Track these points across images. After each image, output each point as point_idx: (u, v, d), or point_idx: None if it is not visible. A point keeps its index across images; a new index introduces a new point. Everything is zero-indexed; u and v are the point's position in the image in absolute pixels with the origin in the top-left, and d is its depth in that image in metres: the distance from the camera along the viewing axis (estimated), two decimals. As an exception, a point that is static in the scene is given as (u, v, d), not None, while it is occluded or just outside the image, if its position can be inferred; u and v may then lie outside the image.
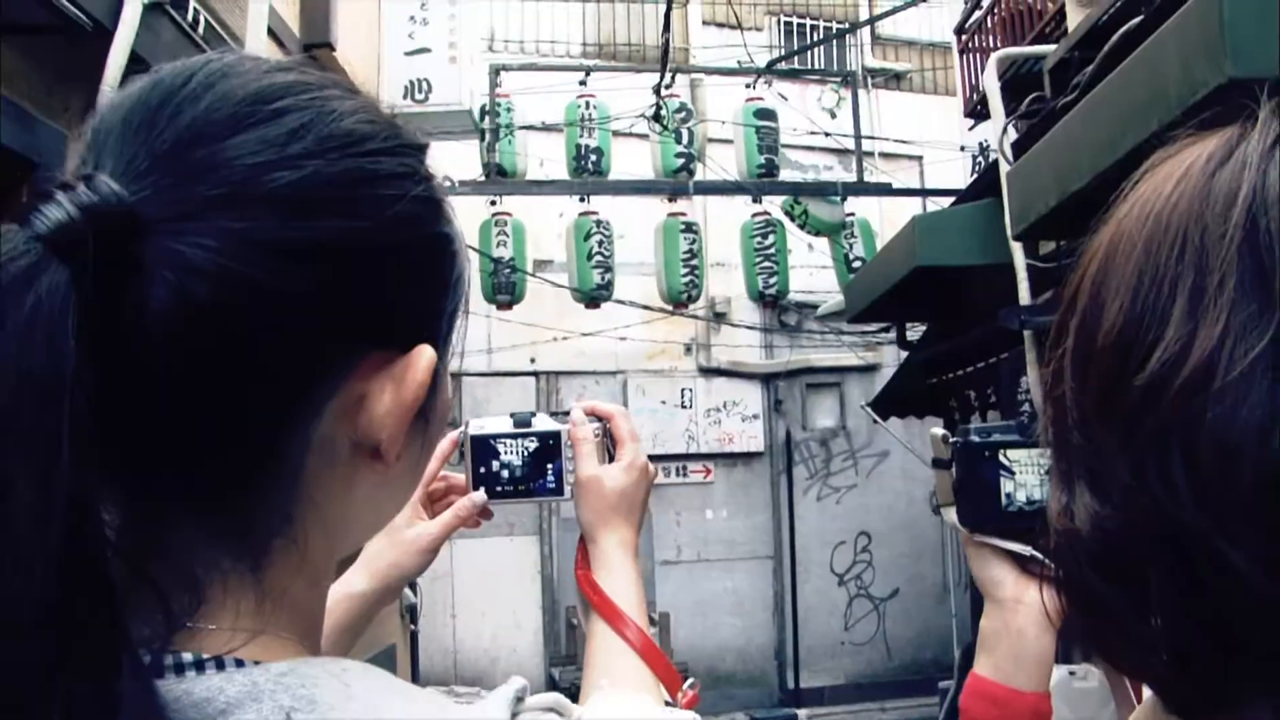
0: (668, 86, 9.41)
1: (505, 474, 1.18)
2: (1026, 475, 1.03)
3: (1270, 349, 0.49)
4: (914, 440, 11.23)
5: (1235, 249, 0.52)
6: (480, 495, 1.17)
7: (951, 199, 8.46)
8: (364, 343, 0.58)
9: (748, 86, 9.89)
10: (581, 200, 9.58)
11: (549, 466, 1.18)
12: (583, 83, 9.53)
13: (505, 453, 1.18)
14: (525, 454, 1.18)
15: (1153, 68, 3.63)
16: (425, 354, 0.60)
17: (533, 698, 0.61)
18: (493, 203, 9.63)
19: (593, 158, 9.37)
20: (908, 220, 7.25)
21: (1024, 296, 5.76)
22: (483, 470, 1.17)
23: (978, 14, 8.52)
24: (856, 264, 9.67)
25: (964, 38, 9.00)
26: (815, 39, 12.85)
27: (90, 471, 0.47)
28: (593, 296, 9.59)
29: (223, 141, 0.53)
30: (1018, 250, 5.73)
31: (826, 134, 10.50)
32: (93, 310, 0.48)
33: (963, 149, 10.16)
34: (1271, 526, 0.48)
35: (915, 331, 9.47)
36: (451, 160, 9.64)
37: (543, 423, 1.19)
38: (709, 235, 10.65)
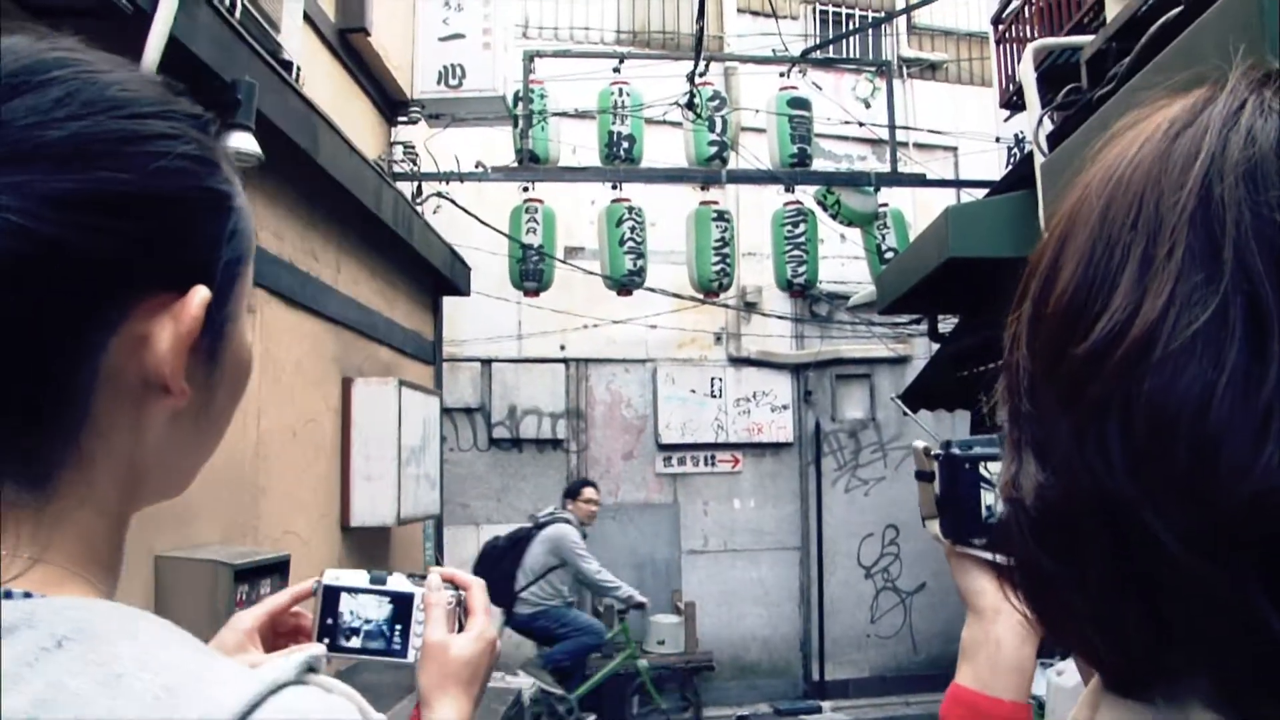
0: (701, 74, 9.38)
1: (351, 628, 1.18)
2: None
3: (1212, 322, 0.49)
4: (944, 433, 11.16)
5: (1187, 216, 0.51)
6: (320, 647, 1.15)
7: (986, 191, 8.40)
8: (140, 285, 0.64)
9: (782, 75, 9.84)
10: (614, 188, 9.58)
11: (397, 628, 1.18)
12: (616, 70, 9.51)
13: (355, 607, 1.17)
14: (375, 611, 1.18)
15: (1191, 58, 3.59)
16: (199, 293, 0.66)
17: (330, 678, 0.64)
18: (525, 189, 9.64)
19: (625, 145, 9.36)
20: (941, 211, 7.21)
21: (1057, 289, 5.71)
22: (329, 621, 1.17)
23: (1015, 3, 8.44)
24: (889, 255, 9.62)
25: (1001, 28, 8.93)
26: (850, 28, 12.78)
27: None
28: (624, 283, 9.59)
29: None
30: (1051, 242, 5.68)
31: (861, 124, 10.45)
32: None
33: (998, 140, 10.08)
34: (1199, 501, 0.48)
35: (947, 324, 9.42)
36: (484, 146, 9.68)
37: (398, 583, 1.19)
38: (740, 225, 10.64)
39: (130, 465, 0.67)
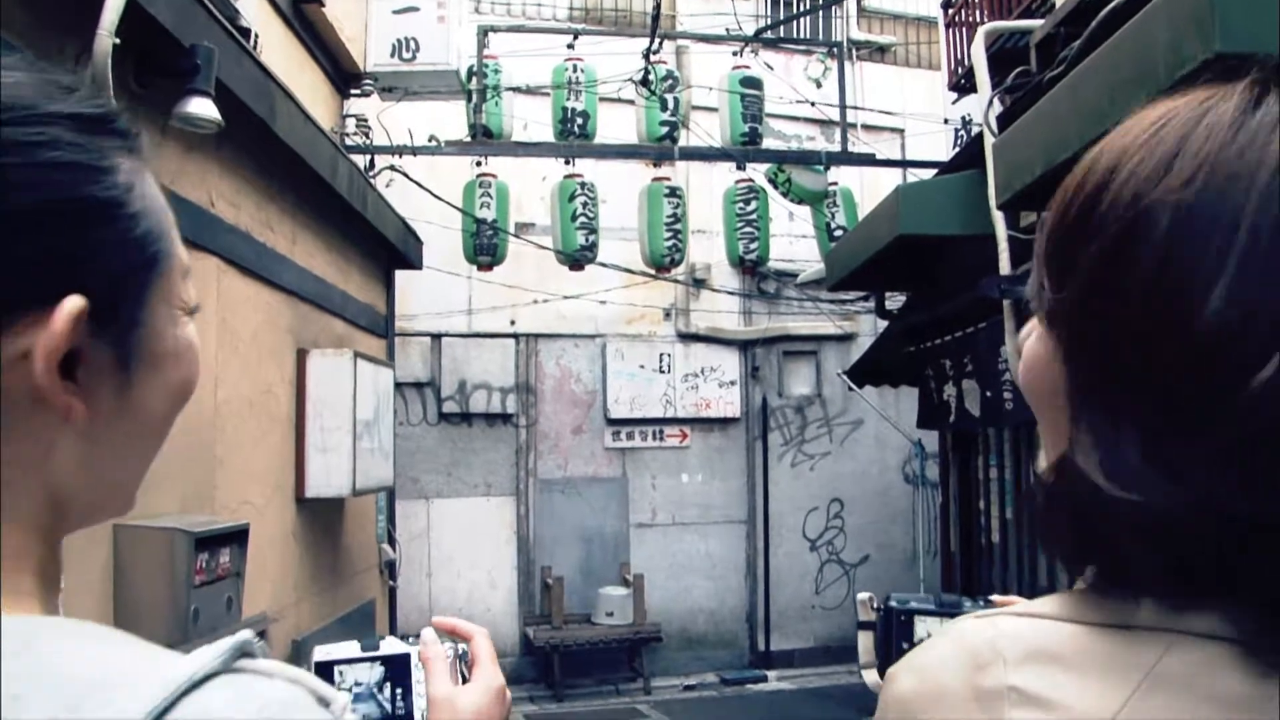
0: (655, 52, 9.42)
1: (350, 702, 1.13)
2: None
3: None
4: (889, 409, 11.39)
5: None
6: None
7: (933, 171, 8.55)
8: (12, 300, 0.60)
9: (735, 54, 9.91)
10: (567, 163, 9.60)
11: (397, 691, 1.12)
12: (570, 46, 9.52)
13: (349, 680, 1.13)
14: (371, 680, 1.13)
15: (1141, 41, 3.71)
16: (68, 303, 0.61)
17: (268, 661, 0.60)
18: (478, 163, 9.63)
19: (579, 121, 9.39)
20: (889, 192, 7.33)
21: (1004, 266, 5.86)
22: None
23: (965, -13, 8.57)
24: (838, 233, 9.75)
25: (950, 11, 9.06)
26: (801, 9, 12.87)
27: None
28: (576, 258, 9.64)
29: None
30: (999, 221, 5.83)
31: (812, 103, 10.55)
32: None
33: (946, 122, 10.23)
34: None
35: (895, 301, 9.58)
36: (435, 120, 9.66)
37: (391, 645, 1.14)
38: (690, 202, 10.72)
39: (46, 485, 0.64)
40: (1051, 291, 0.69)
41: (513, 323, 11.63)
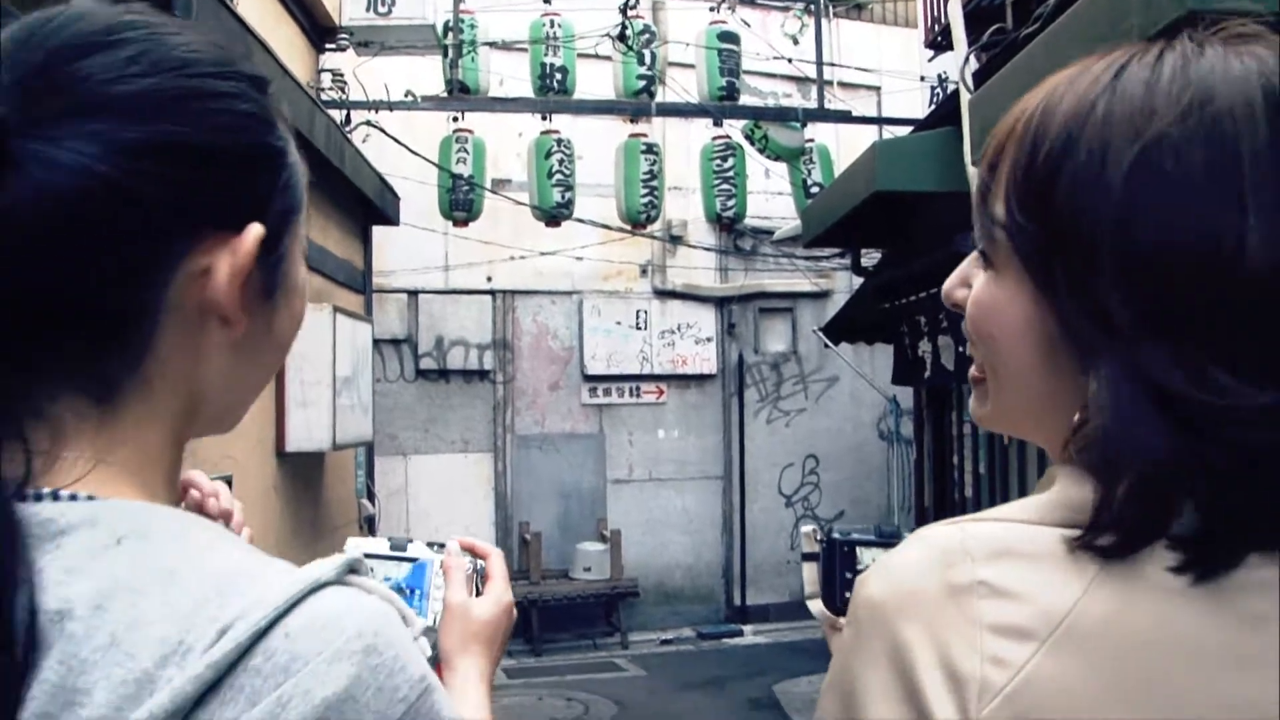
0: (632, 6, 9.39)
1: None
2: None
3: None
4: (864, 365, 11.49)
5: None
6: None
7: (909, 128, 8.58)
8: (200, 224, 0.71)
9: (712, 10, 9.89)
10: (544, 119, 9.57)
11: (416, 592, 1.21)
12: (547, 1, 9.47)
13: (379, 574, 1.21)
14: (395, 576, 1.22)
15: (1117, 1, 3.76)
16: (254, 229, 0.73)
17: (369, 580, 0.70)
18: (455, 119, 9.59)
19: (558, 76, 9.35)
20: (865, 149, 7.36)
21: (979, 223, 5.91)
22: None
23: (942, -57, 8.57)
24: (814, 190, 9.79)
25: (927, -33, 9.06)
26: (778, -36, 12.81)
27: None
28: (553, 214, 9.63)
29: (73, 64, 0.68)
30: (975, 177, 5.87)
31: (789, 60, 10.55)
32: None
33: (923, 79, 10.26)
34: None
35: (871, 258, 9.64)
36: (411, 76, 9.59)
37: (417, 549, 1.24)
38: (666, 159, 10.72)
39: (189, 389, 0.74)
40: (1032, 223, 0.75)
41: (489, 279, 11.64)
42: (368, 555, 1.21)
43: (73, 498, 0.66)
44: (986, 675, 0.66)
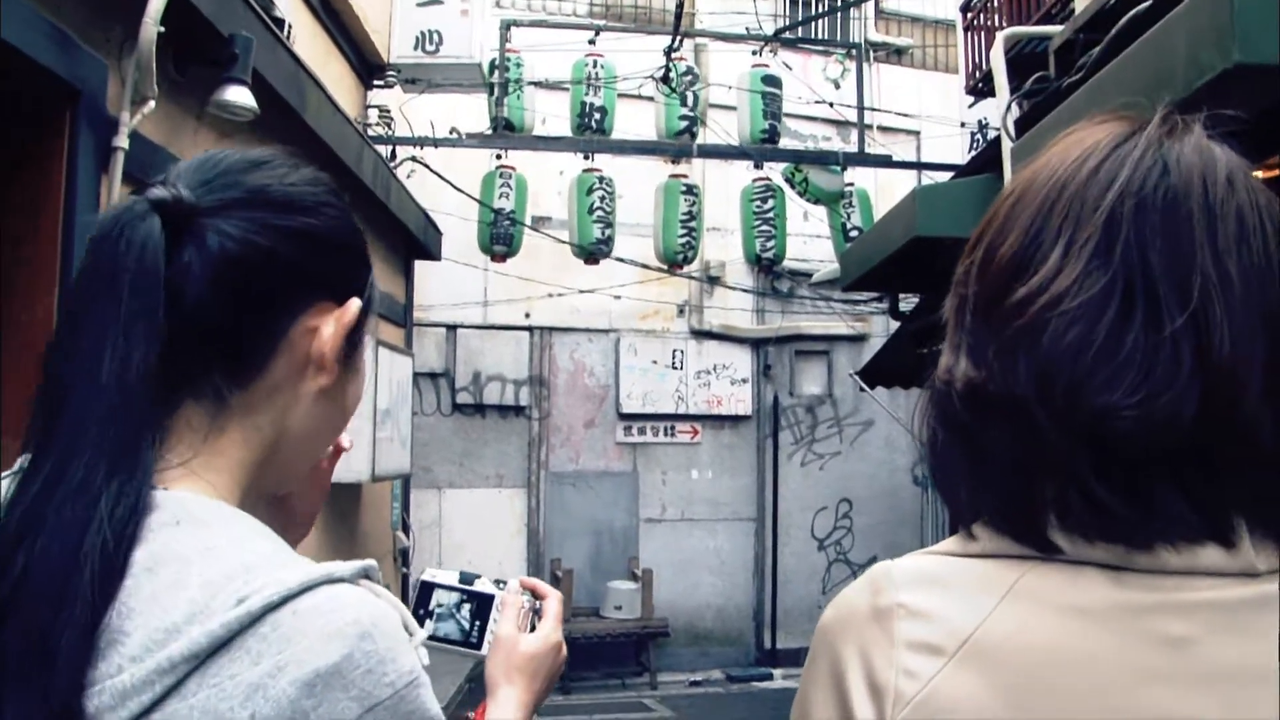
0: (675, 49, 9.49)
1: (439, 619, 1.32)
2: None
3: (1100, 293, 0.75)
4: (899, 410, 11.44)
5: (1101, 221, 0.77)
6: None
7: (949, 174, 8.60)
8: (318, 290, 0.91)
9: (754, 53, 9.98)
10: (586, 158, 9.67)
11: (476, 623, 1.31)
12: (591, 42, 9.60)
13: (444, 601, 1.33)
14: (460, 607, 1.32)
15: (1160, 51, 3.77)
16: (355, 302, 0.93)
17: (379, 586, 0.82)
18: (498, 156, 9.71)
19: (597, 116, 9.46)
20: (904, 194, 7.38)
21: (1020, 270, 5.90)
22: (421, 611, 1.33)
23: (985, -8, 8.63)
24: (854, 233, 9.82)
25: (969, 15, 9.12)
26: (820, 9, 12.93)
27: (153, 342, 0.81)
28: (592, 251, 9.71)
29: (242, 174, 0.90)
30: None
31: (831, 104, 10.61)
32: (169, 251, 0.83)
33: (963, 125, 10.28)
34: (1069, 409, 0.74)
35: (907, 303, 9.63)
36: (451, 112, 9.73)
37: (484, 585, 1.34)
38: (705, 200, 10.80)
39: (281, 423, 0.91)
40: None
41: (527, 315, 11.72)
42: (439, 585, 1.34)
43: (162, 489, 0.82)
44: (900, 686, 0.75)
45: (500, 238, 9.66)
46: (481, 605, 1.32)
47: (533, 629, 1.29)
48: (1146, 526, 0.74)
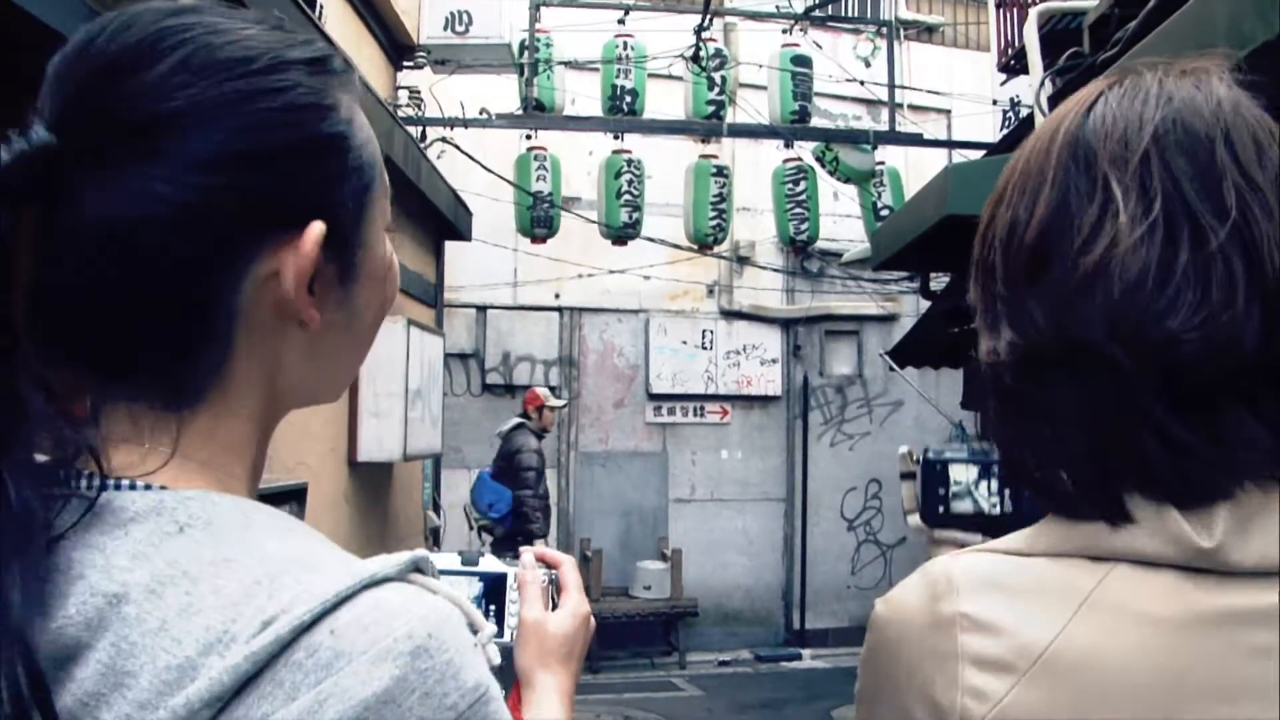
0: (705, 29, 9.45)
1: None
2: (965, 486, 1.30)
3: (1145, 232, 0.74)
4: (929, 390, 11.40)
5: (1131, 162, 0.76)
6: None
7: (980, 152, 8.53)
8: (261, 230, 0.70)
9: (784, 32, 9.92)
10: (616, 138, 9.66)
11: (491, 608, 1.17)
12: (621, 21, 9.57)
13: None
14: (467, 593, 1.15)
15: (1199, 23, 3.72)
16: (313, 229, 0.71)
17: (434, 580, 0.70)
18: (528, 136, 9.71)
19: (628, 98, 9.44)
20: (935, 172, 7.33)
21: (1053, 248, 5.86)
22: None
23: (1018, -32, 8.54)
24: (884, 212, 9.76)
25: (1002, -9, 9.02)
26: (851, -13, 12.83)
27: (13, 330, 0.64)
28: (620, 234, 9.71)
29: (118, 84, 0.67)
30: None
31: (862, 82, 10.53)
32: (29, 224, 0.65)
33: (995, 103, 10.19)
34: (1138, 337, 0.72)
35: (938, 282, 9.58)
36: (479, 93, 9.74)
37: (490, 564, 1.19)
38: (735, 180, 10.76)
39: (272, 384, 0.75)
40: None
41: (557, 296, 11.73)
42: (440, 571, 1.19)
43: (146, 487, 0.67)
44: (966, 707, 0.70)
45: (541, 220, 9.66)
46: (493, 587, 1.18)
47: (554, 604, 1.18)
48: (1223, 461, 0.70)
